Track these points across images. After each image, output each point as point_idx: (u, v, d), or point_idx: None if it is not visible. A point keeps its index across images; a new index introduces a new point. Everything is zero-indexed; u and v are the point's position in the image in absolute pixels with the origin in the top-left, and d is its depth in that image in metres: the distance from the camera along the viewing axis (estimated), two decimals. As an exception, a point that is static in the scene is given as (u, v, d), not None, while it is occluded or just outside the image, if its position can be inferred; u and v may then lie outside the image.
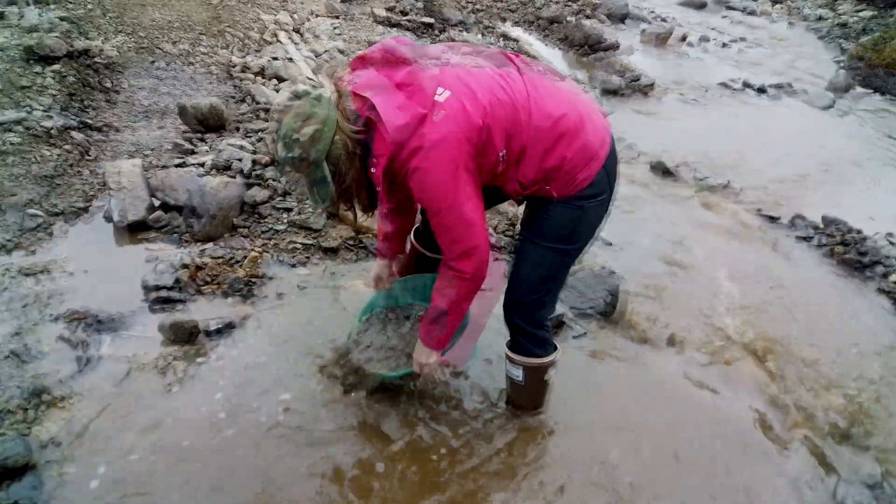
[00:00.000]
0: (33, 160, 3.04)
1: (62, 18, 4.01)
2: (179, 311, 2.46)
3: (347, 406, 2.15)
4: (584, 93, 1.91)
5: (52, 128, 3.23)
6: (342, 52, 5.01)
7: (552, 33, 6.94)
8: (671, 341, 2.69)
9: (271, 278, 2.70)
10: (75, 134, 3.34)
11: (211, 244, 2.80)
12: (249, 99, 4.07)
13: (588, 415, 2.26)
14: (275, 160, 3.31)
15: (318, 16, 5.86)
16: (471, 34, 6.36)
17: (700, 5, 9.36)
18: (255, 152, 3.37)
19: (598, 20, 7.40)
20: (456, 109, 1.56)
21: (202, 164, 3.23)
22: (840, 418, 2.40)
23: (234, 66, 4.42)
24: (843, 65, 6.99)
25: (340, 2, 6.30)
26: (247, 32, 4.94)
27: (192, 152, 3.40)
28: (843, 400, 2.49)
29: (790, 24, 8.93)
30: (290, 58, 4.64)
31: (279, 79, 4.34)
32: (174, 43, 4.43)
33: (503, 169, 1.71)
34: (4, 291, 2.41)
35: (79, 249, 2.71)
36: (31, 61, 3.58)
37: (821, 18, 8.94)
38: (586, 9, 7.70)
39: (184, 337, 2.31)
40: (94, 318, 2.36)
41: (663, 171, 4.22)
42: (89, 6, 4.29)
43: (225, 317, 2.44)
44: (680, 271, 3.20)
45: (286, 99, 1.57)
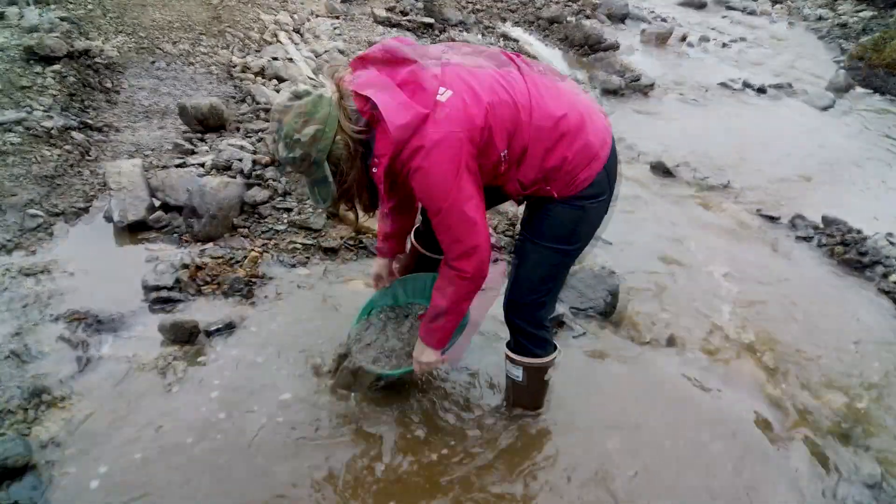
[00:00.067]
0: (34, 160, 3.05)
1: (62, 19, 4.01)
2: (179, 311, 2.46)
3: (347, 406, 2.16)
4: (585, 93, 1.91)
5: (52, 128, 3.23)
6: (342, 52, 5.01)
7: (552, 33, 6.94)
8: (671, 341, 2.69)
9: (271, 278, 2.70)
10: (76, 134, 3.34)
11: (211, 244, 2.80)
12: (249, 99, 4.07)
13: (588, 415, 2.26)
14: (275, 160, 3.31)
15: (318, 16, 5.86)
16: (471, 34, 6.36)
17: (700, 5, 9.36)
18: (256, 152, 3.38)
19: (599, 20, 7.40)
20: (458, 109, 1.55)
21: (202, 165, 3.23)
22: (840, 418, 2.40)
23: (235, 67, 4.43)
24: (843, 65, 6.99)
25: (340, 2, 6.30)
26: (247, 33, 4.94)
27: (193, 152, 3.40)
28: (843, 400, 2.49)
29: (790, 24, 8.93)
30: (291, 58, 4.64)
31: (279, 79, 4.34)
32: (174, 43, 4.44)
33: (504, 169, 1.71)
34: (5, 291, 2.41)
35: (79, 249, 2.71)
36: (32, 61, 3.58)
37: (821, 18, 8.94)
38: (586, 9, 7.70)
39: (184, 337, 2.31)
40: (94, 318, 2.36)
41: (663, 171, 4.22)
42: (90, 6, 4.29)
43: (225, 317, 2.44)
44: (680, 271, 3.20)
45: (287, 99, 1.55)
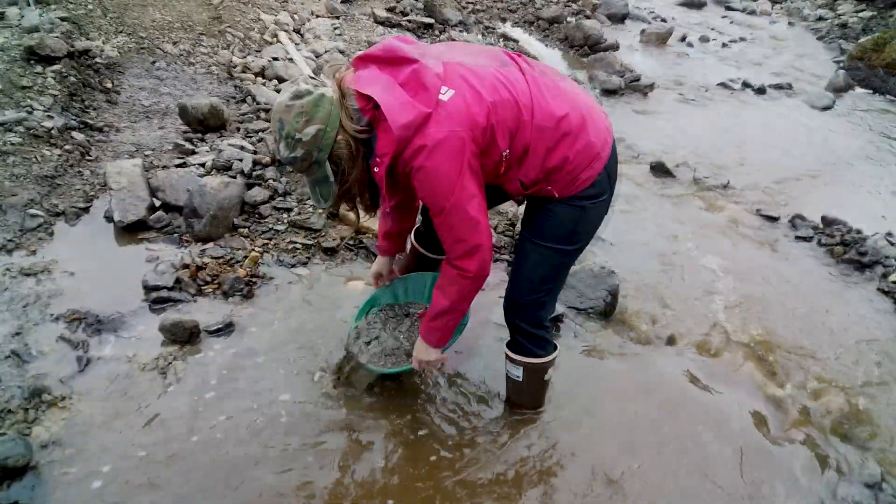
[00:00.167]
0: (34, 160, 3.04)
1: (63, 19, 4.00)
2: (180, 311, 2.46)
3: (347, 405, 2.16)
4: (586, 93, 1.91)
5: (52, 128, 3.22)
6: (342, 52, 5.01)
7: (552, 34, 6.94)
8: (671, 341, 2.70)
9: (271, 278, 2.70)
10: (76, 134, 3.34)
11: (211, 244, 2.80)
12: (250, 99, 4.07)
13: (588, 414, 2.26)
14: (275, 160, 3.31)
15: (318, 16, 5.86)
16: (471, 35, 6.36)
17: (700, 5, 9.36)
18: (256, 152, 3.38)
19: (598, 21, 7.40)
20: (460, 108, 1.55)
21: (203, 165, 3.23)
22: (840, 418, 2.40)
23: (235, 67, 4.42)
24: (842, 65, 6.99)
25: (341, 2, 6.30)
26: (247, 33, 4.94)
27: (193, 152, 3.40)
28: (842, 399, 2.49)
29: (790, 24, 8.94)
30: (291, 58, 4.64)
31: (280, 79, 4.35)
32: (175, 43, 4.43)
33: (506, 168, 1.71)
34: (5, 291, 2.41)
35: (79, 249, 2.71)
36: (32, 61, 3.57)
37: (821, 18, 8.94)
38: (586, 9, 7.70)
39: (184, 337, 2.31)
40: (94, 318, 2.36)
41: (663, 171, 4.23)
42: (90, 6, 4.29)
43: (225, 317, 2.44)
44: (679, 271, 3.21)
45: (288, 98, 1.54)
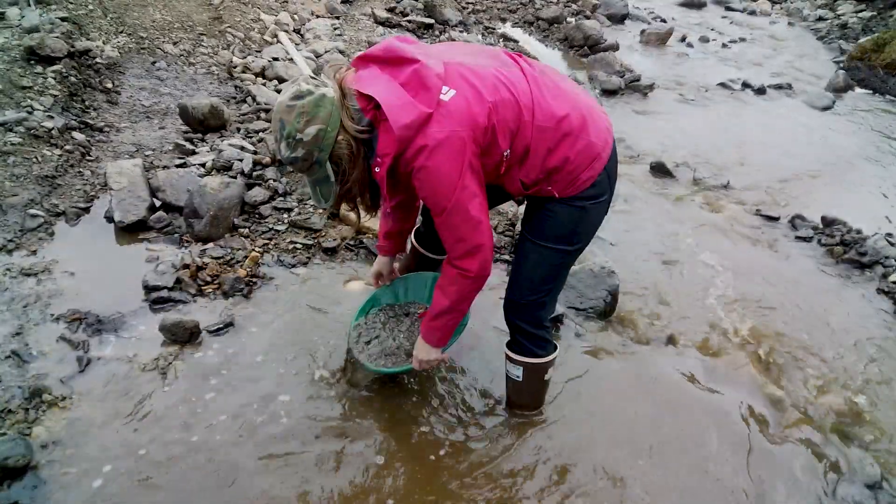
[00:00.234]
0: (34, 160, 3.05)
1: (63, 19, 4.00)
2: (180, 311, 2.47)
3: (347, 405, 2.16)
4: (586, 93, 1.91)
5: (53, 128, 3.23)
6: (342, 52, 5.02)
7: (552, 34, 6.94)
8: (670, 341, 2.70)
9: (272, 278, 2.70)
10: (76, 134, 3.34)
11: (211, 244, 2.81)
12: (250, 99, 4.07)
13: (587, 414, 2.26)
14: (275, 160, 3.32)
15: (318, 16, 5.86)
16: (471, 35, 6.36)
17: (700, 6, 9.36)
18: (256, 153, 3.38)
19: (598, 21, 7.40)
20: (461, 108, 1.55)
21: (203, 165, 3.23)
22: (840, 418, 2.41)
23: (235, 67, 4.43)
24: (842, 65, 6.99)
25: (341, 2, 6.30)
26: (248, 33, 4.94)
27: (193, 153, 3.40)
28: (842, 399, 2.49)
29: (790, 24, 8.94)
30: (291, 58, 4.64)
31: (280, 79, 4.35)
32: (175, 43, 4.44)
33: (507, 168, 1.71)
34: (6, 291, 2.41)
35: (80, 249, 2.72)
36: (33, 62, 3.58)
37: (820, 19, 8.94)
38: (586, 10, 7.70)
39: (184, 337, 2.31)
40: (94, 318, 2.37)
41: (663, 171, 4.23)
42: (90, 7, 4.29)
43: (225, 317, 2.44)
44: (679, 271, 3.21)
45: (289, 98, 1.54)
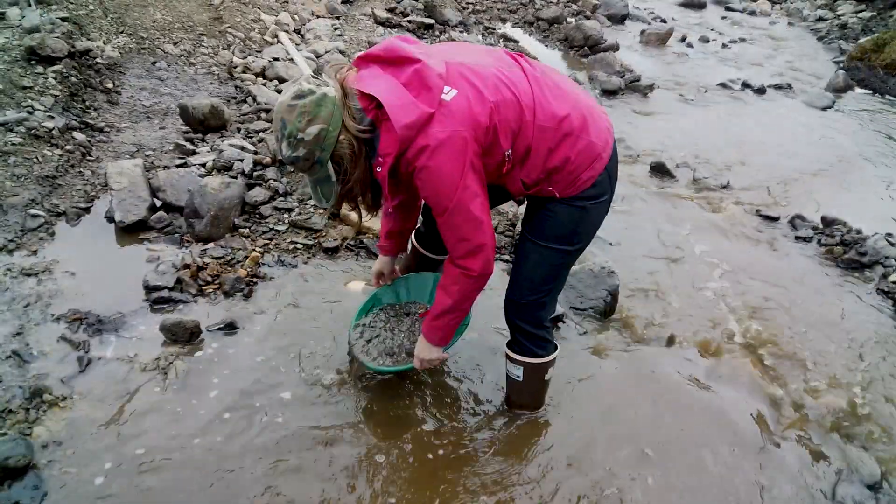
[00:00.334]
0: (35, 160, 3.05)
1: (64, 19, 4.00)
2: (180, 311, 2.47)
3: (347, 405, 2.16)
4: (587, 93, 1.91)
5: (53, 128, 3.23)
6: (343, 52, 5.02)
7: (552, 34, 6.94)
8: (670, 341, 2.70)
9: (272, 278, 2.71)
10: (77, 134, 3.35)
11: (212, 244, 2.81)
12: (250, 100, 4.07)
13: (588, 414, 2.26)
14: (276, 160, 3.32)
15: (318, 17, 5.86)
16: (471, 35, 6.37)
17: (700, 6, 9.37)
18: (257, 153, 3.38)
19: (598, 21, 7.40)
20: (463, 108, 1.55)
21: (203, 165, 3.24)
22: (840, 418, 2.41)
23: (236, 67, 4.43)
24: (842, 65, 7.00)
25: (341, 3, 6.31)
26: (248, 33, 4.94)
27: (194, 153, 3.41)
28: (842, 399, 2.49)
29: (790, 24, 8.94)
30: (292, 59, 4.65)
31: (280, 79, 4.35)
32: (175, 44, 4.44)
33: (508, 168, 1.71)
34: (6, 291, 2.41)
35: (80, 250, 2.72)
36: (33, 62, 3.58)
37: (820, 19, 8.95)
38: (586, 10, 7.70)
39: (185, 337, 2.31)
40: (95, 318, 2.37)
41: (663, 171, 4.23)
42: (91, 7, 4.29)
43: (226, 317, 2.45)
44: (679, 271, 3.21)
45: (290, 97, 1.54)
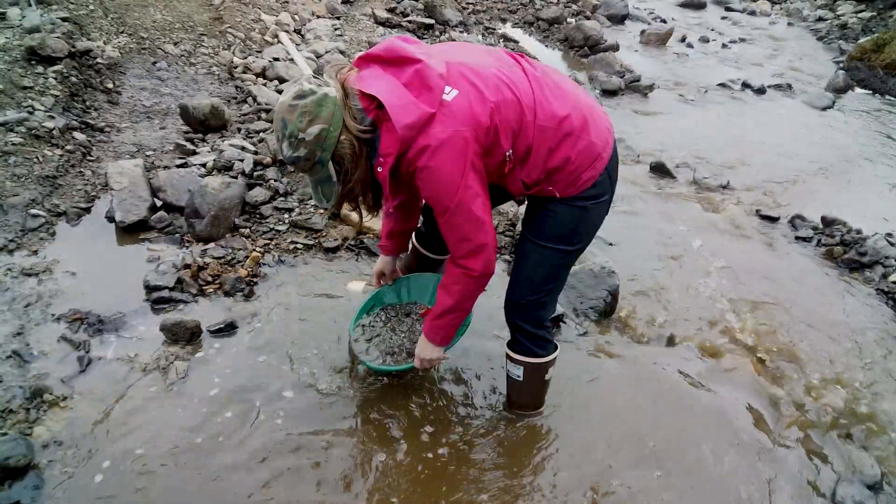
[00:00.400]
0: (35, 160, 3.05)
1: (64, 19, 4.00)
2: (181, 311, 2.47)
3: (348, 405, 2.16)
4: (587, 93, 1.91)
5: (54, 128, 3.23)
6: (343, 53, 5.02)
7: (552, 34, 6.95)
8: (671, 341, 2.70)
9: (273, 278, 2.71)
10: (77, 134, 3.35)
11: (212, 244, 2.81)
12: (251, 100, 4.07)
13: (588, 414, 2.27)
14: (276, 160, 3.32)
15: (319, 17, 5.87)
16: (471, 35, 6.37)
17: (700, 6, 9.37)
18: (257, 153, 3.38)
19: (598, 21, 7.41)
20: (464, 109, 1.55)
21: (204, 165, 3.24)
22: (840, 418, 2.41)
23: (236, 67, 4.43)
24: (842, 65, 7.00)
25: (341, 3, 6.31)
26: (248, 33, 4.94)
27: (194, 153, 3.41)
28: (842, 399, 2.49)
29: (790, 24, 8.95)
30: (292, 59, 4.65)
31: (281, 80, 4.35)
32: (176, 44, 4.44)
33: (509, 168, 1.71)
34: (7, 291, 2.41)
35: (81, 250, 2.72)
36: (33, 62, 3.58)
37: (820, 19, 8.95)
38: (586, 10, 7.71)
39: (185, 337, 2.32)
40: (95, 318, 2.37)
41: (663, 171, 4.23)
42: (91, 7, 4.29)
43: (226, 317, 2.45)
44: (679, 271, 3.21)
45: (291, 97, 1.54)
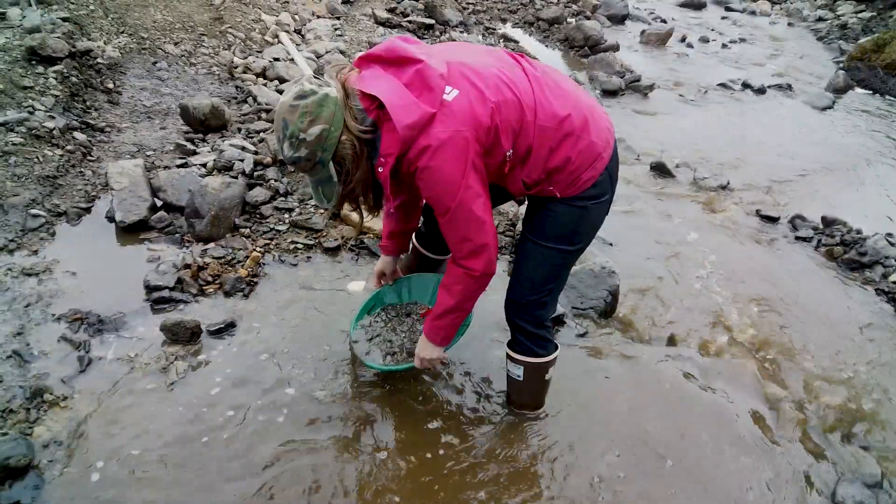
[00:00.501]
0: (36, 160, 3.05)
1: (64, 19, 4.01)
2: (181, 310, 2.47)
3: (349, 404, 2.16)
4: (587, 93, 1.91)
5: (54, 128, 3.23)
6: (343, 53, 5.02)
7: (552, 34, 6.95)
8: (671, 341, 2.70)
9: (273, 278, 2.71)
10: (77, 134, 3.35)
11: (212, 244, 2.81)
12: (251, 100, 4.08)
13: (588, 414, 2.26)
14: (277, 160, 3.32)
15: (319, 17, 5.87)
16: (471, 35, 6.37)
17: (700, 6, 9.38)
18: (257, 153, 3.39)
19: (599, 21, 7.41)
20: (464, 108, 1.55)
21: (204, 165, 3.24)
22: (840, 418, 2.41)
23: (236, 67, 4.43)
24: (842, 65, 7.01)
25: (341, 3, 6.31)
26: (248, 33, 4.95)
27: (194, 153, 3.41)
28: (842, 399, 2.49)
29: (790, 24, 8.95)
30: (292, 59, 4.65)
31: (281, 80, 4.36)
32: (176, 44, 4.44)
33: (509, 168, 1.71)
34: (7, 291, 2.41)
35: (81, 250, 2.72)
36: (34, 62, 3.58)
37: (820, 19, 8.96)
38: (586, 10, 7.72)
39: (185, 337, 2.32)
40: (96, 318, 2.37)
41: (663, 171, 4.23)
42: (92, 7, 4.29)
43: (226, 316, 2.45)
44: (679, 271, 3.21)
45: (292, 98, 1.53)
